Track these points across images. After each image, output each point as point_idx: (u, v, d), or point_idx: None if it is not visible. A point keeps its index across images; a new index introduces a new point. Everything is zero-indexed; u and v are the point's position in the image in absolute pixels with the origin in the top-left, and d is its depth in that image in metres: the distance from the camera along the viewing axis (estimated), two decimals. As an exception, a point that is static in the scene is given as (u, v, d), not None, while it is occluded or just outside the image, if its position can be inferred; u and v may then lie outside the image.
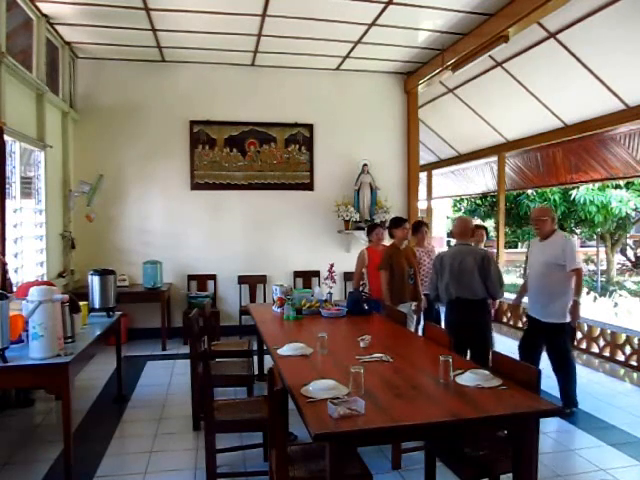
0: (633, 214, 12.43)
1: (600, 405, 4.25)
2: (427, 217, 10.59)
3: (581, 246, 18.53)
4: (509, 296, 6.28)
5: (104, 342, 3.99)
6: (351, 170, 6.96)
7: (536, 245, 4.21)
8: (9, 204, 4.42)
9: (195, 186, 6.75)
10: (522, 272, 14.39)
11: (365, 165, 6.92)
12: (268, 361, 3.65)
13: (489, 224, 13.34)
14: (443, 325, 4.43)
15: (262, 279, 6.85)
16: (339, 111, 7.08)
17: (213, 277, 6.80)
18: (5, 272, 4.09)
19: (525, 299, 4.42)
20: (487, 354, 3.72)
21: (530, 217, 4.27)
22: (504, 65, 6.22)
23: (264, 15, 5.17)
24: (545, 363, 4.06)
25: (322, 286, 6.10)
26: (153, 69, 6.64)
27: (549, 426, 3.73)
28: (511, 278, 13.89)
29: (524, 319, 7.12)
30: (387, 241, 5.15)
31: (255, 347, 4.71)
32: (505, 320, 7.44)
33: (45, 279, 5.22)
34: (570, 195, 11.35)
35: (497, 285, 4.02)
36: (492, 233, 11.61)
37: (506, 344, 5.88)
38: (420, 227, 5.49)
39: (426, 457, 2.71)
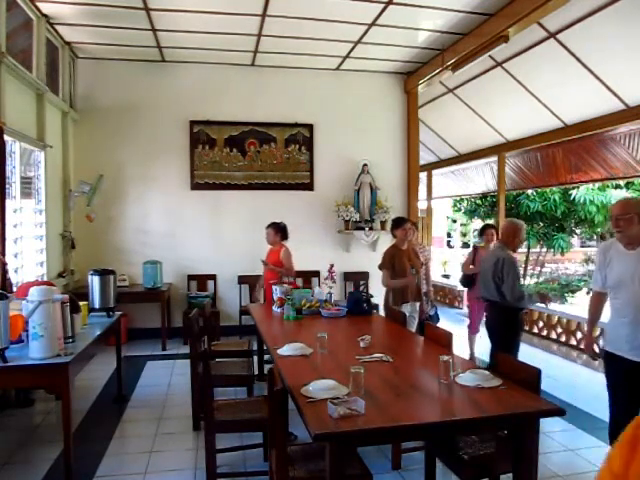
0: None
1: (600, 405, 4.24)
2: (427, 217, 10.58)
3: (581, 246, 18.55)
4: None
5: (104, 342, 3.99)
6: (351, 170, 6.96)
7: (621, 255, 2.93)
8: (9, 204, 4.42)
9: (195, 186, 6.75)
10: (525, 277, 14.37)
11: (365, 165, 6.92)
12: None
13: (489, 224, 13.29)
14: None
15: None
16: (339, 111, 7.07)
17: (213, 277, 6.80)
18: (5, 272, 4.09)
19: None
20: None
21: (611, 215, 3.01)
22: (504, 65, 6.22)
23: (264, 15, 5.16)
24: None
25: (322, 286, 6.10)
26: (153, 69, 6.64)
27: (549, 426, 3.73)
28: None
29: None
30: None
31: (255, 347, 4.71)
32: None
33: (45, 279, 5.22)
34: (570, 195, 11.34)
35: (509, 293, 3.67)
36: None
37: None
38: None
39: (426, 457, 2.71)
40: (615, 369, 2.93)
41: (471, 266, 5.44)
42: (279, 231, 5.42)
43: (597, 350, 3.16)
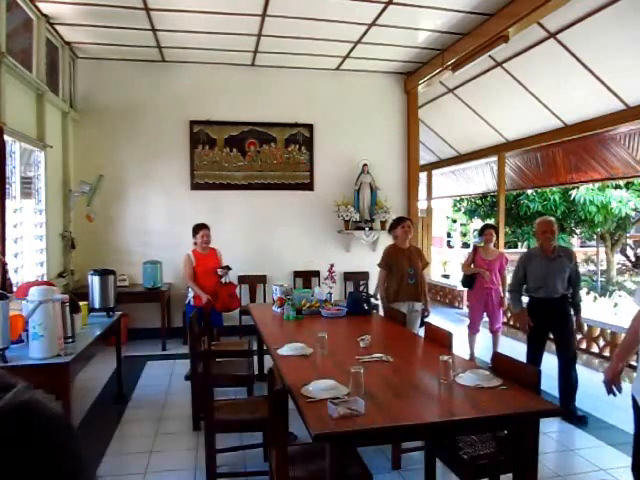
0: (633, 214, 12.44)
1: (600, 405, 4.25)
2: (427, 217, 10.59)
3: (581, 246, 18.55)
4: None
5: (104, 342, 3.99)
6: (351, 170, 6.95)
7: None
8: (9, 204, 4.42)
9: (195, 186, 6.75)
10: None
11: (365, 165, 6.92)
12: (268, 361, 3.64)
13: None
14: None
15: (262, 279, 6.84)
16: (339, 111, 7.07)
17: (213, 277, 6.78)
18: (5, 272, 4.09)
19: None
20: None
21: None
22: (504, 65, 6.22)
23: (264, 15, 5.16)
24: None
25: (322, 286, 6.10)
26: (153, 69, 6.64)
27: (549, 426, 3.73)
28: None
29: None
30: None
31: (255, 347, 4.71)
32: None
33: (45, 279, 5.22)
34: (570, 195, 11.35)
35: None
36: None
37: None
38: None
39: (426, 457, 2.71)
40: None
41: (472, 266, 5.42)
42: None
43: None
